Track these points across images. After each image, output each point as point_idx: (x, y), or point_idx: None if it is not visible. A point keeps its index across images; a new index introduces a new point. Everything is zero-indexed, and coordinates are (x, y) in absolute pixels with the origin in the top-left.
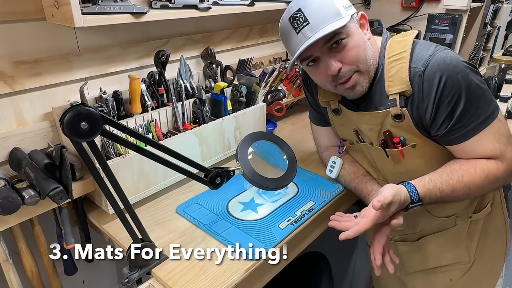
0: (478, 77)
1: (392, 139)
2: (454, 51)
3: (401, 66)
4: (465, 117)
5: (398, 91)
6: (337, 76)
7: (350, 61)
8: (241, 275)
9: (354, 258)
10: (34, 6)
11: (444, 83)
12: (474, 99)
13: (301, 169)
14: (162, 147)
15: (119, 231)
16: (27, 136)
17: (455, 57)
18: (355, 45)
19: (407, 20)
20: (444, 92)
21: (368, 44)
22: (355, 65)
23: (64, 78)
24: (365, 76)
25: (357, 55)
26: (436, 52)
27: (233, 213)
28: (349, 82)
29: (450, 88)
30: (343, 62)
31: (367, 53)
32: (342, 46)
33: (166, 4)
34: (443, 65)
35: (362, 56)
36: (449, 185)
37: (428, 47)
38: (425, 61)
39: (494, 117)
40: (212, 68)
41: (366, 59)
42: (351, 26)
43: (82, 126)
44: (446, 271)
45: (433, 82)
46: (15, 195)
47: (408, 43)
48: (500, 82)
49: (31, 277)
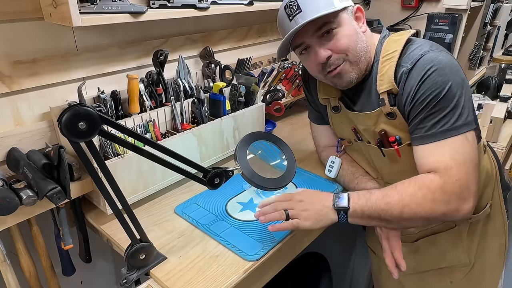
0: (461, 88)
1: (387, 138)
2: (452, 53)
3: (390, 65)
4: (430, 120)
5: (386, 90)
6: (326, 65)
7: (339, 49)
8: (240, 275)
9: (353, 258)
10: (31, 5)
11: (425, 79)
12: (446, 106)
13: (300, 169)
14: (160, 147)
15: (117, 231)
16: (25, 136)
17: (448, 60)
18: (346, 35)
19: (406, 19)
20: (422, 88)
21: (361, 36)
22: (344, 53)
23: (62, 78)
24: (353, 67)
25: (347, 44)
26: (429, 52)
27: (232, 214)
28: (336, 70)
29: (429, 85)
30: (333, 51)
31: (358, 44)
32: (332, 35)
33: (164, 4)
34: (430, 63)
35: (352, 46)
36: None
37: (422, 47)
38: (414, 59)
39: (460, 132)
40: (211, 68)
41: (357, 50)
42: (344, 17)
43: (80, 126)
44: (446, 273)
45: (417, 77)
46: (13, 196)
47: (401, 42)
48: (500, 82)
49: (29, 278)
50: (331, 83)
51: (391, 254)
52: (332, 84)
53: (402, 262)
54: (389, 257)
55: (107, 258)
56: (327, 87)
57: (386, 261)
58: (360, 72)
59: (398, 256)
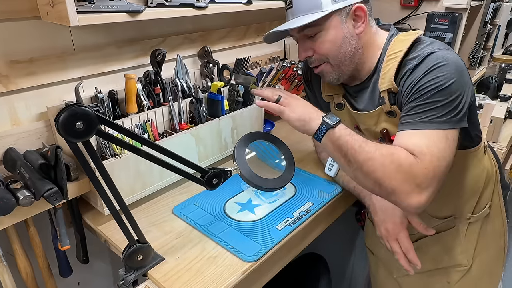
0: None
1: (389, 137)
2: (457, 53)
3: (393, 65)
4: (418, 109)
5: (386, 89)
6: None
7: (320, 52)
8: (238, 277)
9: (353, 259)
10: (28, 4)
11: (429, 72)
12: (439, 101)
13: (299, 169)
14: (158, 147)
15: (114, 232)
16: (22, 136)
17: (455, 60)
18: (329, 40)
19: (406, 18)
20: (424, 79)
21: (350, 40)
22: (325, 57)
23: (59, 78)
24: (334, 69)
25: (328, 49)
26: (438, 50)
27: (230, 214)
28: (317, 69)
29: (431, 78)
30: (314, 51)
31: (342, 50)
32: (316, 37)
33: (162, 3)
34: (435, 60)
35: (333, 52)
36: (363, 140)
37: (431, 46)
38: (421, 57)
39: (441, 127)
40: (209, 67)
41: (338, 55)
42: (333, 20)
43: (77, 126)
44: (444, 274)
45: (421, 71)
46: (10, 196)
47: (408, 42)
48: (500, 81)
49: (25, 279)
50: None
51: (404, 255)
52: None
53: (419, 262)
54: (403, 258)
55: (104, 259)
56: (331, 84)
57: (401, 262)
58: (343, 73)
59: (414, 257)
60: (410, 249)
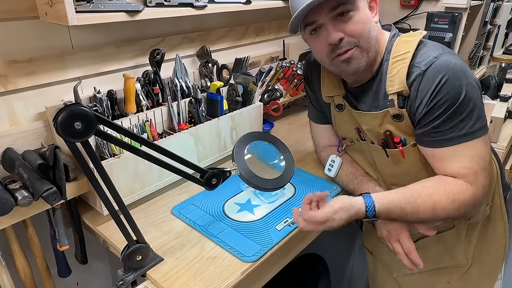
0: (476, 92)
1: (392, 139)
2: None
3: (402, 67)
4: (448, 124)
5: (396, 91)
6: (337, 47)
7: (353, 33)
8: (238, 277)
9: (352, 260)
10: (27, 4)
11: (442, 85)
12: (463, 111)
13: (299, 169)
14: (157, 148)
15: (113, 232)
16: (20, 136)
17: (461, 64)
18: (361, 20)
19: (406, 18)
20: (440, 94)
21: (374, 25)
22: (357, 38)
23: (57, 77)
24: (363, 54)
25: (361, 29)
26: (443, 55)
27: (229, 214)
28: (346, 54)
29: (447, 91)
30: (345, 33)
31: (371, 32)
32: (348, 17)
33: (161, 2)
34: (445, 67)
35: (366, 33)
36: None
37: (435, 49)
38: (428, 61)
39: (477, 136)
40: (208, 67)
41: (369, 38)
42: (361, 2)
43: (76, 126)
44: (444, 273)
45: (432, 82)
46: (8, 196)
47: (414, 43)
48: (500, 81)
49: (24, 279)
50: (337, 69)
51: (406, 255)
52: (338, 71)
53: (421, 262)
54: (405, 258)
55: (103, 259)
56: (331, 85)
57: (404, 262)
58: (369, 60)
59: (416, 258)
60: (412, 249)
